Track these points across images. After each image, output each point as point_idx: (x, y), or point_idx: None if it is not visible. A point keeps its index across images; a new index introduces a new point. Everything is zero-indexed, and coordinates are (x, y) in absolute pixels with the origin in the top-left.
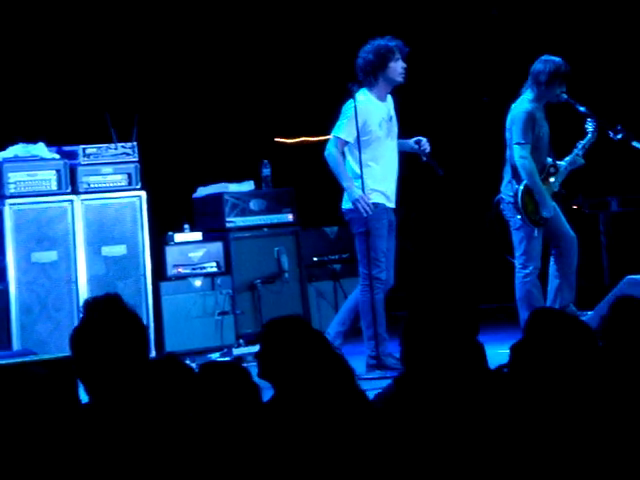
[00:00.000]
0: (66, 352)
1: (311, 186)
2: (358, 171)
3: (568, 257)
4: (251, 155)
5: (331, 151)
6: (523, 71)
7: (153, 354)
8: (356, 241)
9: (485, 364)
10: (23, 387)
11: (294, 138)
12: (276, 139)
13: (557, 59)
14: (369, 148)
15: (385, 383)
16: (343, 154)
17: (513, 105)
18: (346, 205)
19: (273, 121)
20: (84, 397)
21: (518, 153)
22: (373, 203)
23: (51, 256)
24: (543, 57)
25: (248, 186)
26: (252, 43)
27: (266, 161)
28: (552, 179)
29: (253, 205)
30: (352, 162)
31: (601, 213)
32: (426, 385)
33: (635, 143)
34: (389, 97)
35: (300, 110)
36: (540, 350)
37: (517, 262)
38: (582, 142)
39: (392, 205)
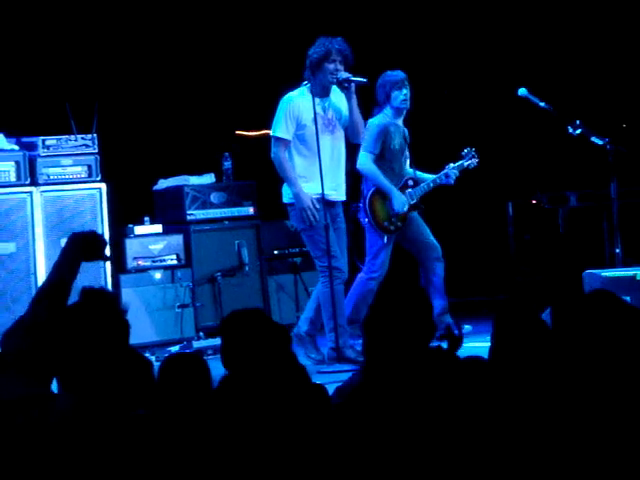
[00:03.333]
0: None
1: (272, 179)
2: (299, 171)
3: (431, 265)
4: (212, 148)
5: (277, 154)
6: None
7: None
8: (302, 237)
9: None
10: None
11: (255, 131)
12: (237, 132)
13: (387, 73)
14: (306, 143)
15: (345, 376)
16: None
17: (368, 121)
18: (286, 199)
19: (234, 114)
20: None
21: (362, 159)
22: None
23: (9, 247)
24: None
25: (209, 179)
26: (213, 36)
27: (227, 154)
28: (409, 190)
29: (214, 198)
30: (294, 160)
31: (560, 208)
32: (388, 376)
33: (594, 138)
34: (336, 92)
35: (261, 103)
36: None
37: (365, 266)
38: (453, 164)
39: (339, 198)
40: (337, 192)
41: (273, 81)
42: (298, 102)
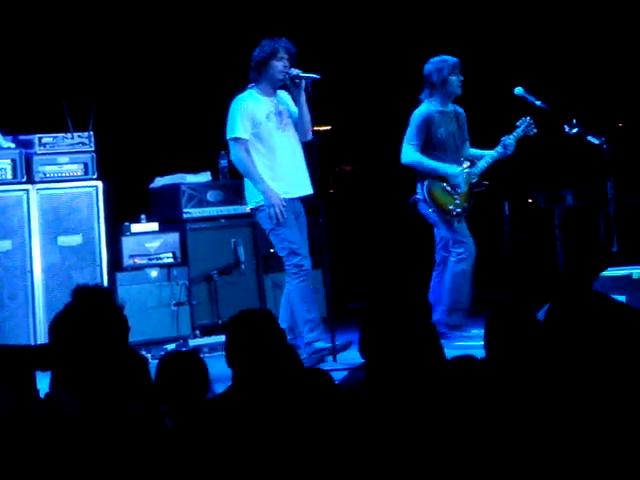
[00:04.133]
0: (21, 341)
1: None
2: (261, 170)
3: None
4: (208, 146)
5: (237, 155)
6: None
7: None
8: (270, 238)
9: (441, 351)
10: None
11: None
12: None
13: (441, 56)
14: (263, 141)
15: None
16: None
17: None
18: (252, 204)
19: None
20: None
21: (404, 152)
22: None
23: (6, 245)
24: (430, 59)
25: (205, 177)
26: (209, 34)
27: (223, 152)
28: (466, 170)
29: (210, 196)
30: (255, 160)
31: (556, 207)
32: (385, 374)
33: (590, 137)
34: (282, 92)
35: None
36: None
37: (452, 252)
38: (509, 136)
39: (298, 194)
40: (299, 188)
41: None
42: (249, 101)
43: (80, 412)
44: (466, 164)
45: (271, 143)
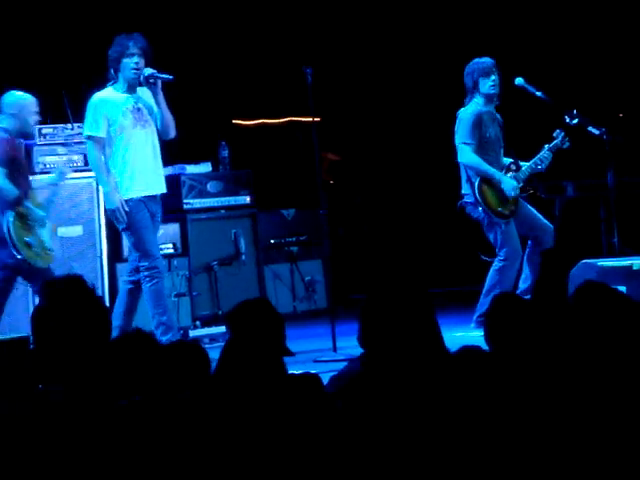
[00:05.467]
0: (21, 333)
1: (269, 168)
2: (112, 168)
3: (545, 246)
4: (209, 137)
5: (90, 154)
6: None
7: None
8: (124, 237)
9: (442, 343)
10: None
11: (252, 120)
12: (234, 121)
13: (475, 60)
14: (119, 139)
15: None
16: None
17: (460, 110)
18: (108, 205)
19: (231, 103)
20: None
21: (463, 152)
22: (126, 200)
23: None
24: (466, 65)
25: (205, 168)
26: (210, 24)
27: (224, 143)
28: (513, 174)
29: (210, 187)
30: (116, 158)
31: (557, 198)
32: (385, 366)
33: (591, 128)
34: (142, 89)
35: (258, 92)
36: (500, 335)
37: (499, 255)
38: (548, 145)
39: (154, 192)
40: (155, 186)
41: (270, 70)
42: (105, 100)
43: (67, 404)
44: (513, 167)
45: (127, 140)
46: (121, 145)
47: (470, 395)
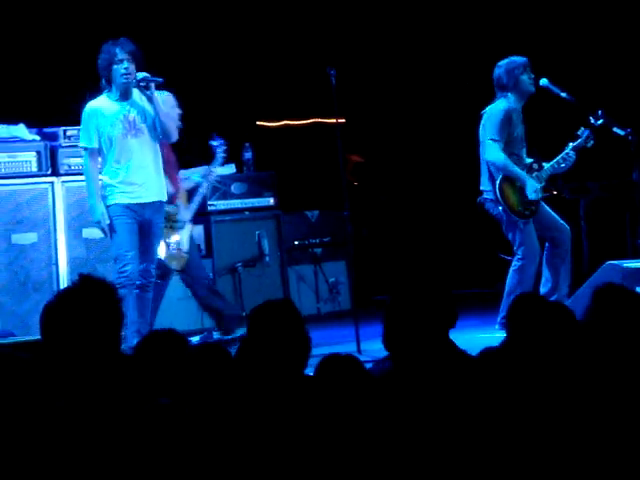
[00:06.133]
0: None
1: (292, 170)
2: (104, 177)
3: (563, 246)
4: (233, 138)
5: (84, 164)
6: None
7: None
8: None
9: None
10: (5, 372)
11: (276, 122)
12: (258, 123)
13: (509, 58)
14: (111, 149)
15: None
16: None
17: (489, 107)
18: (93, 217)
19: (255, 105)
20: None
21: (490, 149)
22: (109, 205)
23: (31, 237)
24: (497, 63)
25: (230, 169)
26: (235, 26)
27: (248, 144)
28: (535, 173)
29: (234, 188)
30: (102, 167)
31: (582, 199)
32: (407, 367)
33: (616, 129)
34: (139, 96)
35: (282, 94)
36: (521, 335)
37: (517, 254)
38: (573, 143)
39: (152, 199)
40: (147, 194)
41: (294, 72)
42: (96, 110)
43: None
44: (535, 166)
45: (118, 151)
46: (111, 156)
47: (492, 396)
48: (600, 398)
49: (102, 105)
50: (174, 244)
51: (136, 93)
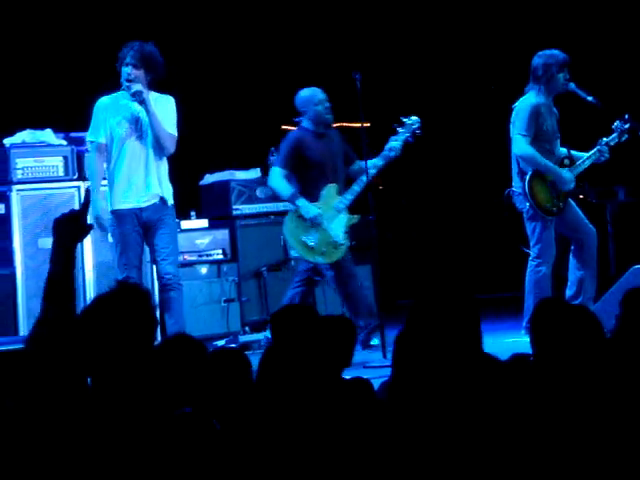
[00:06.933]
0: None
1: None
2: (107, 176)
3: (589, 249)
4: (258, 143)
5: (90, 158)
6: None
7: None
8: None
9: (482, 352)
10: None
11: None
12: (283, 127)
13: (552, 51)
14: (114, 148)
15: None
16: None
17: (518, 101)
18: (92, 212)
19: (280, 109)
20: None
21: (519, 144)
22: (111, 211)
23: None
24: (539, 52)
25: (255, 174)
26: (259, 31)
27: (273, 149)
28: (567, 169)
29: (259, 193)
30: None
31: (608, 203)
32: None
33: None
34: (155, 97)
35: None
36: (545, 341)
37: (532, 252)
38: (606, 139)
39: (141, 204)
40: (147, 197)
41: (319, 76)
42: (105, 105)
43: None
44: (567, 162)
45: (120, 150)
46: (114, 155)
47: (519, 402)
48: (626, 403)
49: (113, 102)
50: (318, 240)
51: (152, 95)
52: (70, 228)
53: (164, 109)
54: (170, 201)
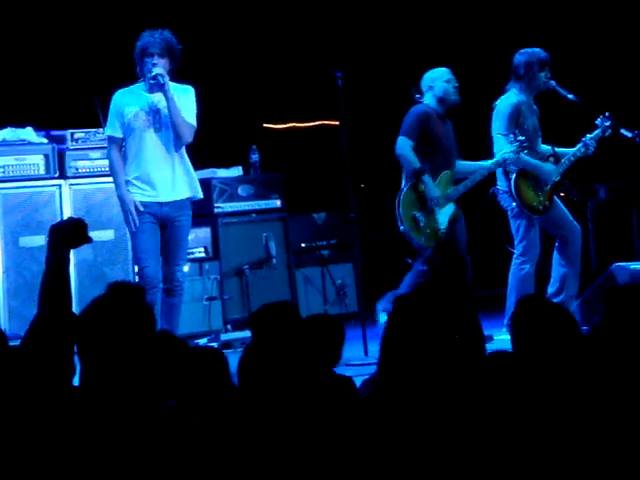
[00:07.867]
0: None
1: (299, 172)
2: (131, 170)
3: (573, 246)
4: (239, 141)
5: (108, 154)
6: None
7: None
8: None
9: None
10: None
11: (282, 124)
12: (264, 125)
13: (533, 49)
14: (131, 141)
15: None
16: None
17: (498, 100)
18: (123, 207)
19: (262, 107)
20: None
21: (498, 143)
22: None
23: (39, 240)
24: (521, 50)
25: (236, 172)
26: (240, 29)
27: (254, 147)
28: (548, 163)
29: (241, 191)
30: (128, 159)
31: (589, 201)
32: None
33: (623, 131)
34: (174, 88)
35: (289, 96)
36: (525, 338)
37: (516, 250)
38: (590, 135)
39: (173, 198)
40: (165, 193)
41: (301, 74)
42: (122, 97)
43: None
44: (551, 160)
45: (138, 143)
46: (130, 147)
47: (497, 398)
48: (609, 400)
49: (129, 94)
50: (426, 221)
51: (172, 86)
52: (67, 237)
53: (184, 98)
54: (199, 194)
